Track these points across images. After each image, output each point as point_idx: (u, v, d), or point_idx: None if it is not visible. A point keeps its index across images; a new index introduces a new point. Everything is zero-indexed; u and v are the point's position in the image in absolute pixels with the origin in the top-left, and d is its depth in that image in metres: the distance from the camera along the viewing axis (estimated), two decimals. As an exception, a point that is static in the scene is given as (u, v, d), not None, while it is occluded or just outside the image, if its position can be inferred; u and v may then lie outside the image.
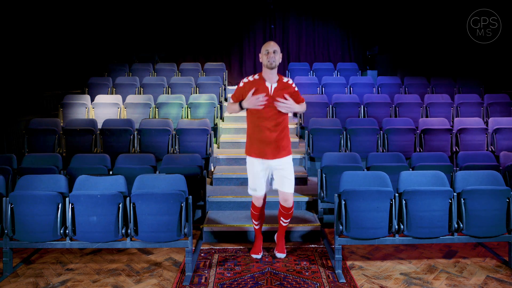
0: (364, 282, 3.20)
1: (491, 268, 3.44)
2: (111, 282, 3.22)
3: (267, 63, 3.18)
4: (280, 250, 3.61)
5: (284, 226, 3.57)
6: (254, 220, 3.56)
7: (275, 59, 3.18)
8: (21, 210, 3.24)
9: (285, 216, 3.49)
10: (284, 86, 3.28)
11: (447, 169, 4.07)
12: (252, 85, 3.25)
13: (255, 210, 3.49)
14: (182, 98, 6.30)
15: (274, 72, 3.25)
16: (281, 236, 3.62)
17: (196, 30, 9.75)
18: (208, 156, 5.10)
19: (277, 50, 3.20)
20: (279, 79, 3.29)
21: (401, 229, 3.31)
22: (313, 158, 5.16)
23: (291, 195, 3.40)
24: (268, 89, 3.23)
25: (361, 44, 9.99)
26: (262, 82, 3.25)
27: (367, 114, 6.08)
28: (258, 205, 3.45)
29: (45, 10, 8.01)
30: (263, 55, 3.21)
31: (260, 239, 3.65)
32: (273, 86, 3.24)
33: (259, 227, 3.62)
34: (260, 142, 3.26)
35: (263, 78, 3.26)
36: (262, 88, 3.23)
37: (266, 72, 3.24)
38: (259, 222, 3.58)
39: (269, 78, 3.25)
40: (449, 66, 8.43)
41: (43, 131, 5.21)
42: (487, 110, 6.22)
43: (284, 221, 3.52)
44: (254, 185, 3.39)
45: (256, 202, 3.45)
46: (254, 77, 3.30)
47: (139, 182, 3.48)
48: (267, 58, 3.17)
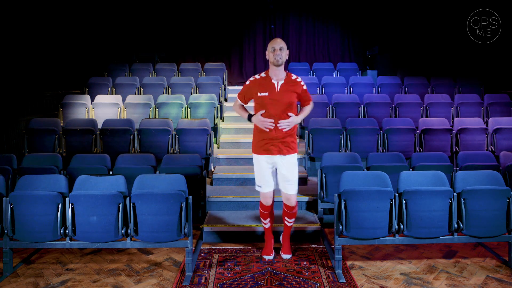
0: (364, 282, 3.20)
1: (491, 268, 3.44)
2: (111, 282, 3.22)
3: (273, 60, 3.20)
4: (286, 251, 3.59)
5: (289, 226, 3.56)
6: (263, 219, 3.55)
7: (281, 56, 3.19)
8: (21, 210, 3.24)
9: (288, 215, 3.48)
10: (291, 84, 3.29)
11: (447, 169, 4.07)
12: (259, 83, 3.28)
13: (264, 209, 3.48)
14: (182, 98, 6.30)
15: (281, 69, 3.26)
16: (286, 237, 3.61)
17: (196, 30, 9.74)
18: (208, 156, 5.10)
19: (283, 47, 3.21)
20: (287, 76, 3.30)
21: (401, 229, 3.31)
22: (313, 158, 5.16)
23: (295, 196, 3.40)
24: (275, 86, 3.25)
25: (361, 44, 9.99)
26: (268, 80, 3.27)
27: (367, 114, 6.08)
28: (266, 204, 3.44)
29: (45, 10, 8.00)
30: (269, 52, 3.23)
31: (271, 239, 3.62)
32: (280, 83, 3.25)
33: (269, 226, 3.59)
34: (267, 139, 3.28)
35: (269, 76, 3.29)
36: (269, 85, 3.25)
37: (273, 69, 3.26)
38: (269, 221, 3.55)
39: (275, 75, 3.26)
40: (449, 66, 8.43)
41: (43, 131, 5.20)
42: (487, 110, 6.22)
43: (289, 220, 3.51)
44: (260, 181, 3.39)
45: (263, 200, 3.44)
46: (261, 75, 3.33)
47: (139, 182, 3.47)
48: (274, 55, 3.19)
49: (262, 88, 3.26)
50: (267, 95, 3.24)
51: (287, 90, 3.25)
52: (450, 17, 8.65)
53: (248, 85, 3.34)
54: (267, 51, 3.26)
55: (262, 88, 3.25)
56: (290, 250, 3.61)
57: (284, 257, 3.57)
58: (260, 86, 3.27)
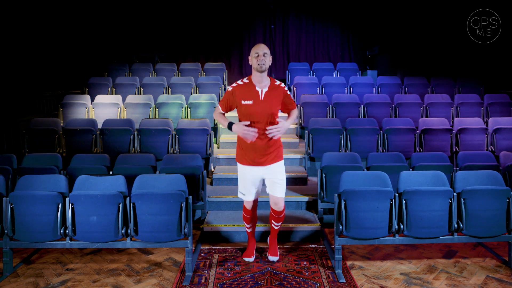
0: (364, 282, 3.20)
1: (491, 268, 3.44)
2: (111, 282, 3.22)
3: (257, 66, 3.05)
4: (272, 253, 3.54)
5: (275, 229, 3.52)
6: (246, 223, 3.52)
7: (265, 62, 3.04)
8: (21, 210, 3.24)
9: (276, 219, 3.43)
10: (275, 90, 3.17)
11: (447, 169, 4.07)
12: (242, 90, 3.15)
13: (246, 213, 3.44)
14: (182, 98, 6.30)
15: (264, 75, 3.12)
16: (273, 239, 3.57)
17: (196, 30, 9.75)
18: (208, 156, 5.10)
19: (267, 53, 3.07)
20: (271, 83, 3.18)
21: (401, 229, 3.31)
22: (313, 158, 5.16)
23: (282, 199, 3.33)
24: (259, 94, 3.13)
25: (361, 44, 9.99)
26: (252, 87, 3.14)
27: (367, 114, 6.08)
28: (249, 208, 3.40)
29: (45, 10, 8.01)
30: (252, 57, 3.08)
31: (253, 242, 3.61)
32: (264, 90, 3.12)
33: (252, 230, 3.57)
34: (251, 149, 3.17)
35: (252, 82, 3.15)
36: (253, 92, 3.12)
37: (256, 76, 3.11)
38: (251, 225, 3.52)
39: (259, 82, 3.12)
40: (449, 66, 8.43)
41: (43, 131, 5.21)
42: (487, 110, 6.22)
43: (276, 224, 3.46)
44: (243, 190, 3.34)
45: (247, 205, 3.41)
46: (244, 81, 3.19)
47: (139, 182, 3.47)
48: (257, 61, 3.04)
49: (246, 95, 3.11)
50: (251, 104, 3.10)
51: (271, 98, 3.13)
52: (450, 17, 8.65)
53: (231, 92, 3.18)
54: (250, 56, 3.11)
55: (246, 96, 3.11)
56: (277, 252, 3.57)
57: (271, 259, 3.52)
58: (244, 93, 3.13)
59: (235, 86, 3.21)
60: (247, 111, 3.13)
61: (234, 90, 3.19)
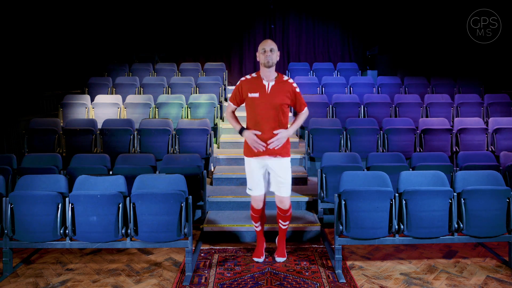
0: (364, 282, 3.20)
1: (491, 268, 3.44)
2: (111, 282, 3.22)
3: (264, 61, 3.18)
4: (280, 254, 3.55)
5: (283, 229, 3.53)
6: (254, 222, 3.54)
7: (272, 57, 3.17)
8: (21, 210, 3.24)
9: (283, 218, 3.46)
10: (282, 84, 3.26)
11: (447, 169, 4.07)
12: (249, 84, 3.26)
13: (254, 212, 3.47)
14: (182, 98, 6.29)
15: (272, 70, 3.24)
16: (281, 239, 3.59)
17: (196, 30, 9.75)
18: (208, 156, 5.10)
19: (274, 49, 3.20)
20: (278, 77, 3.27)
21: (401, 229, 3.31)
22: (313, 158, 5.16)
23: (288, 198, 3.37)
24: (265, 87, 3.22)
25: (361, 44, 9.99)
26: (259, 80, 3.25)
27: (367, 114, 6.08)
28: (257, 207, 3.42)
29: (45, 10, 8.01)
30: (260, 53, 3.21)
31: (262, 242, 3.60)
32: (270, 84, 3.23)
33: (260, 229, 3.57)
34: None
35: (260, 76, 3.27)
36: (259, 86, 3.23)
37: (264, 71, 3.24)
38: (260, 224, 3.54)
39: (266, 76, 3.24)
40: (449, 66, 8.43)
41: (43, 131, 5.20)
42: (487, 110, 6.22)
43: (283, 223, 3.49)
44: (251, 184, 3.38)
45: (254, 203, 3.43)
46: (252, 75, 3.32)
47: (139, 182, 3.47)
48: (264, 57, 3.17)
49: (252, 88, 3.23)
50: (257, 97, 3.20)
51: (278, 91, 3.22)
52: (450, 17, 8.65)
53: (239, 85, 3.31)
54: (258, 52, 3.24)
55: (253, 89, 3.22)
56: (285, 253, 3.58)
57: (278, 260, 3.52)
58: (250, 87, 3.24)
59: (243, 80, 3.33)
60: (253, 103, 3.23)
61: (241, 83, 3.31)
